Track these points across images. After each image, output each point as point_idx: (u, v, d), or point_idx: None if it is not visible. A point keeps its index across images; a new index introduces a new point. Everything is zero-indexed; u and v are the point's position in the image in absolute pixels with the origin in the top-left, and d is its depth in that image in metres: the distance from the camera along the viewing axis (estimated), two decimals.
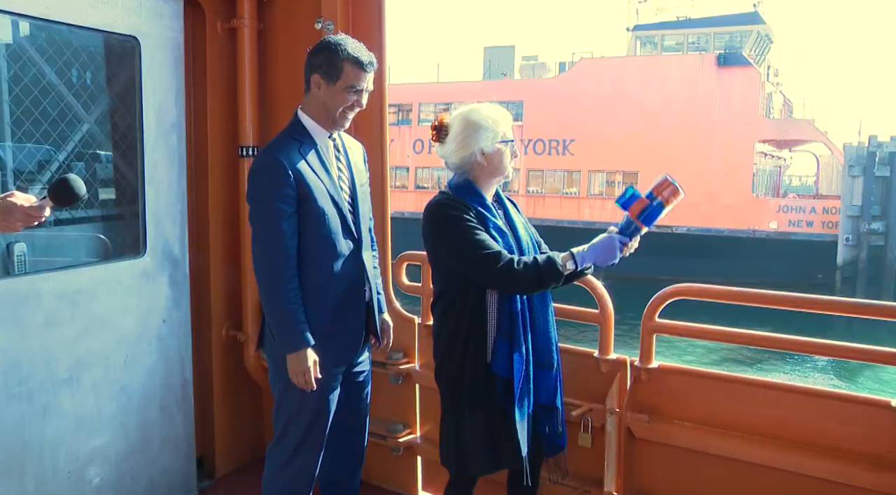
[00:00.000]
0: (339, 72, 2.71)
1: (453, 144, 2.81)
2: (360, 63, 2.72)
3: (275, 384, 2.92)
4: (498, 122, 2.81)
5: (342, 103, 2.75)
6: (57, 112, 3.42)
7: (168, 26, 3.56)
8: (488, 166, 2.80)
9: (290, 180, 2.67)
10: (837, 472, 2.79)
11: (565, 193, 35.09)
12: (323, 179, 2.78)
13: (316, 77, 2.75)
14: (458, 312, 2.78)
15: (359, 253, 2.89)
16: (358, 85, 2.74)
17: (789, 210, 31.98)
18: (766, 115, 34.74)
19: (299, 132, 2.82)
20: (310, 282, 2.77)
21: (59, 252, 3.66)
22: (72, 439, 3.24)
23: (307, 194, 2.72)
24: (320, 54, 2.74)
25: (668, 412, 3.18)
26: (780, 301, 3.06)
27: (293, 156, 2.72)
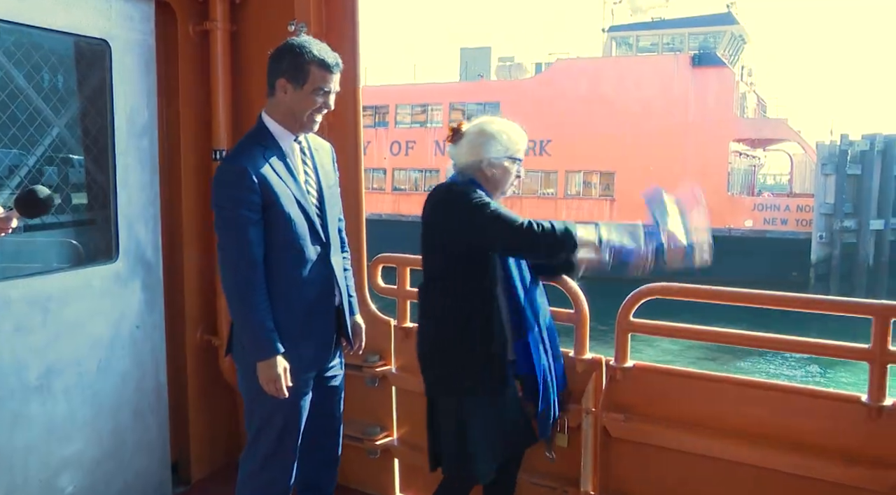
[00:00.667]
0: (306, 75, 2.68)
1: (465, 147, 2.87)
2: (327, 65, 2.69)
3: (245, 390, 2.89)
4: (512, 139, 2.89)
5: (310, 106, 2.72)
6: (26, 116, 3.37)
7: (139, 29, 3.53)
8: (491, 177, 2.86)
9: (254, 186, 2.64)
10: (810, 467, 2.82)
11: (542, 194, 35.19)
12: (289, 184, 2.74)
13: (282, 81, 2.71)
14: (463, 299, 2.82)
15: (327, 257, 2.85)
16: (325, 86, 2.71)
17: (764, 208, 32.28)
18: (741, 114, 35.04)
19: (264, 137, 2.77)
20: (278, 288, 2.73)
21: (29, 258, 3.61)
22: (43, 446, 3.21)
23: (273, 200, 2.68)
24: (285, 58, 2.70)
25: (644, 411, 3.19)
26: (755, 299, 3.09)
27: (257, 161, 2.68)
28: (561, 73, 35.19)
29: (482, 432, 2.84)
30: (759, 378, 3.09)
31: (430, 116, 37.75)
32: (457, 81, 40.47)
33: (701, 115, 32.32)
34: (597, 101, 33.25)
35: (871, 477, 2.71)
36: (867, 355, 2.80)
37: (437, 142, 35.39)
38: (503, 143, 2.86)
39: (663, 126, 32.27)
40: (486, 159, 2.84)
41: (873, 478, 2.71)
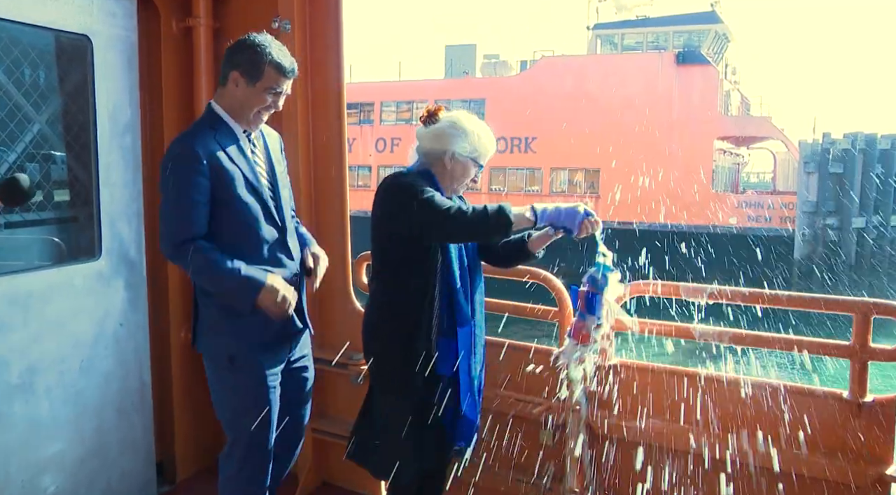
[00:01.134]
0: (261, 73, 2.69)
1: (434, 133, 2.87)
2: (283, 70, 2.71)
3: (214, 385, 2.88)
4: (482, 143, 2.87)
5: (259, 103, 2.74)
6: (5, 112, 3.34)
7: (121, 25, 3.51)
8: (449, 171, 2.84)
9: (204, 170, 2.63)
10: (794, 463, 2.84)
11: (527, 191, 35.22)
12: (242, 167, 2.73)
13: (235, 74, 2.71)
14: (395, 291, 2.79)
15: (284, 240, 2.86)
16: (278, 88, 2.73)
17: (748, 206, 32.46)
18: (725, 112, 35.21)
19: (215, 122, 2.77)
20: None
21: (10, 255, 3.58)
22: (25, 446, 3.18)
23: (227, 183, 2.68)
24: (244, 52, 2.70)
25: (630, 408, 3.21)
26: (738, 297, 3.10)
27: (209, 144, 2.67)
28: (546, 71, 35.23)
29: (400, 430, 2.75)
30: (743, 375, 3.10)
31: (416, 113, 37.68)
32: (442, 78, 40.43)
33: (685, 112, 32.44)
34: (581, 99, 33.28)
35: (853, 472, 2.74)
36: (848, 352, 2.83)
37: None
38: (472, 143, 2.84)
39: (648, 123, 32.37)
40: (450, 151, 2.82)
41: (855, 473, 2.74)
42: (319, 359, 3.37)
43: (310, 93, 3.68)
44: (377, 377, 2.86)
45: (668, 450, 3.10)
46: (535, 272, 3.36)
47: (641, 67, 33.57)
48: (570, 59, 36.34)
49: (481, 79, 38.94)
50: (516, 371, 3.41)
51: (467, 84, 37.62)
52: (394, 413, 2.80)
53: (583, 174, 34.26)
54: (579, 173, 34.36)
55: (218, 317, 2.78)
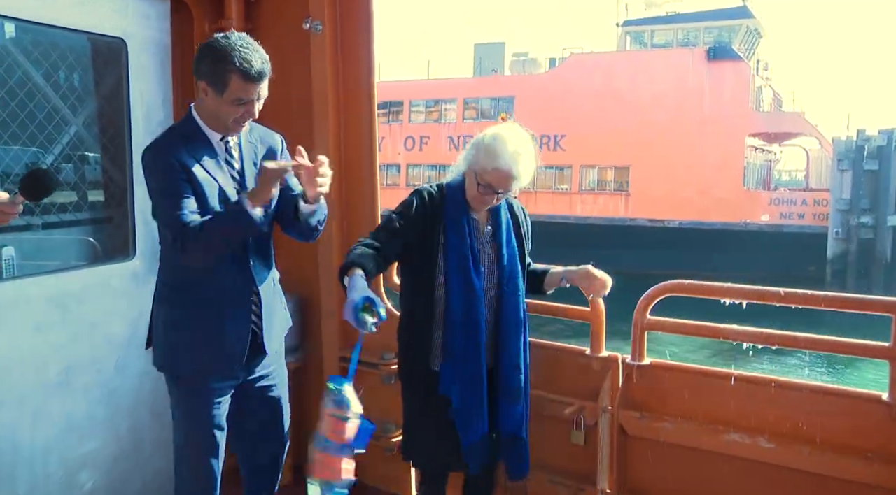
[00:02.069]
0: (226, 83, 2.44)
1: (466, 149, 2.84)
2: (249, 75, 2.43)
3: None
4: (480, 157, 2.73)
5: (232, 114, 2.52)
6: (44, 114, 3.40)
7: (155, 27, 3.54)
8: (467, 186, 2.81)
9: (179, 172, 2.50)
10: (829, 466, 2.80)
11: (557, 189, 35.12)
12: (216, 176, 2.58)
13: (202, 84, 2.50)
14: (409, 296, 2.89)
15: (246, 257, 2.65)
16: (246, 97, 2.47)
17: (781, 202, 32.09)
18: (757, 108, 34.83)
19: (190, 130, 2.61)
20: (188, 291, 2.63)
21: (47, 255, 3.64)
22: (63, 444, 3.23)
23: (197, 191, 2.53)
24: (205, 60, 2.47)
25: (661, 409, 3.18)
26: (772, 297, 3.06)
27: (179, 152, 2.52)
28: (575, 68, 35.09)
29: (416, 425, 2.91)
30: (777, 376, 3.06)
31: (444, 112, 37.74)
32: (471, 77, 40.43)
33: (716, 109, 32.14)
34: (611, 96, 33.13)
35: (891, 476, 2.70)
36: (888, 353, 2.78)
37: (450, 138, 35.38)
38: (472, 158, 2.77)
39: (678, 120, 32.13)
40: (462, 165, 2.82)
41: (893, 476, 2.69)
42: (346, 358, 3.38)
43: (341, 92, 3.69)
44: (399, 368, 3.00)
45: (701, 452, 3.08)
46: None
47: (672, 64, 33.30)
48: (600, 56, 36.17)
49: (510, 76, 38.89)
50: (548, 370, 3.39)
51: (496, 82, 37.58)
52: (406, 403, 2.94)
53: (612, 172, 34.07)
54: (609, 171, 34.20)
55: (163, 330, 2.71)
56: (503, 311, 2.83)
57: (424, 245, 2.78)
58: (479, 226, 2.85)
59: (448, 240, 2.76)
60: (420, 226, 2.77)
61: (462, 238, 2.76)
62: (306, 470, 2.50)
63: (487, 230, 2.86)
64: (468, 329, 2.74)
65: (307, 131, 3.70)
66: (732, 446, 2.99)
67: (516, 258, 2.88)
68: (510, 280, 2.84)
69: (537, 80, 36.48)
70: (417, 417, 2.91)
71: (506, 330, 2.83)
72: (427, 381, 2.81)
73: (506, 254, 2.85)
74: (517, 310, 2.86)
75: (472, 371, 2.75)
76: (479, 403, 2.77)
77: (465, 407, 2.76)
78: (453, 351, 2.75)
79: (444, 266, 2.76)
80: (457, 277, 2.74)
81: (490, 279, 2.83)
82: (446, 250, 2.76)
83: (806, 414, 2.89)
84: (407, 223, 2.77)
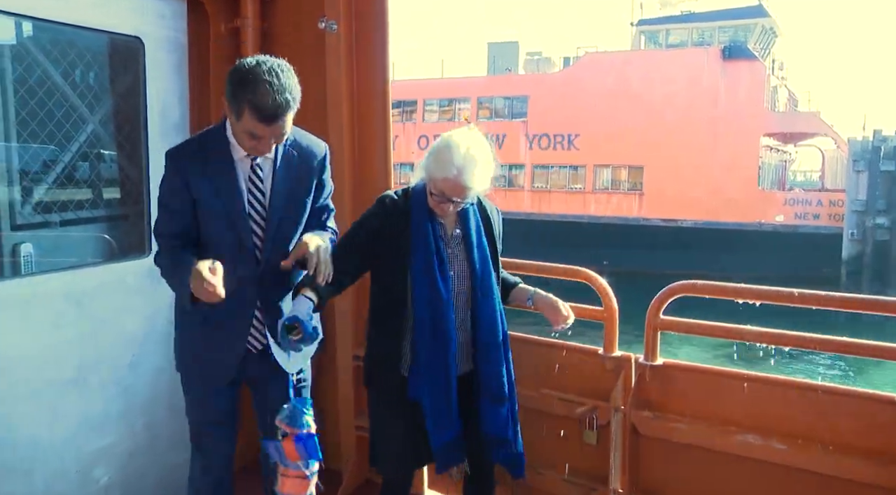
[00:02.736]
0: (241, 112, 2.36)
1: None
2: (262, 115, 2.33)
3: None
4: (430, 164, 2.68)
5: (244, 143, 2.46)
6: (62, 113, 3.43)
7: (171, 27, 3.57)
8: (428, 196, 2.74)
9: (184, 192, 2.51)
10: (842, 468, 2.79)
11: (570, 189, 35.05)
12: (225, 199, 2.53)
13: (224, 102, 2.43)
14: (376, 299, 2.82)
15: (255, 281, 2.61)
16: (257, 133, 2.38)
17: (796, 203, 31.90)
18: (772, 108, 34.62)
19: (217, 142, 2.55)
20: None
21: (64, 252, 3.67)
22: (79, 439, 3.26)
23: (200, 212, 2.52)
24: (230, 81, 2.38)
25: (674, 409, 3.18)
26: (786, 298, 3.05)
27: (194, 168, 2.50)
28: (589, 67, 35.00)
29: (384, 431, 2.85)
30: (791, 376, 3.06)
31: (458, 111, 37.72)
32: (484, 76, 40.39)
33: (731, 108, 31.98)
34: (625, 96, 33.02)
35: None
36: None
37: None
38: (424, 166, 2.72)
39: (693, 120, 31.99)
40: (420, 172, 2.77)
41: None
42: (359, 357, 3.40)
43: (355, 91, 3.70)
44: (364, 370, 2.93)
45: (713, 452, 3.07)
46: (579, 271, 3.35)
47: (686, 63, 33.16)
48: (614, 55, 36.06)
49: (524, 76, 38.84)
50: (560, 370, 3.40)
51: (510, 81, 37.54)
52: (373, 409, 2.90)
53: (626, 171, 33.96)
54: (623, 170, 34.09)
55: (175, 332, 2.78)
56: (478, 315, 2.77)
57: (390, 251, 2.71)
58: (446, 229, 2.78)
59: (413, 244, 2.69)
60: (383, 234, 2.72)
61: (426, 243, 2.69)
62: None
63: (456, 233, 2.80)
64: (436, 334, 2.67)
65: (322, 130, 3.70)
66: (745, 447, 2.98)
67: (488, 260, 2.81)
68: (483, 282, 2.77)
69: (551, 79, 36.41)
70: (386, 421, 2.85)
71: (482, 333, 2.77)
72: (396, 386, 2.76)
73: (477, 257, 2.78)
74: (493, 313, 2.79)
75: (441, 376, 2.68)
76: (448, 408, 2.71)
77: (436, 411, 2.70)
78: (421, 356, 2.68)
79: (409, 274, 2.69)
80: (421, 282, 2.67)
81: (462, 282, 2.77)
82: (412, 256, 2.69)
83: (819, 415, 2.88)
84: (367, 233, 2.73)
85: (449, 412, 2.71)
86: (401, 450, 2.84)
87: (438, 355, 2.68)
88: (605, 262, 24.94)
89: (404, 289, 2.70)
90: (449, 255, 2.75)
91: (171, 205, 2.54)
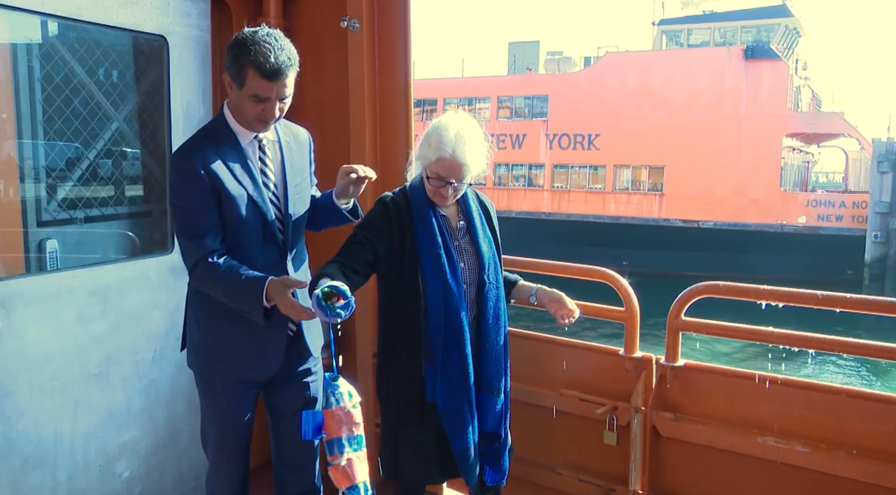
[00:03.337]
0: (244, 77, 2.38)
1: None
2: (265, 71, 2.35)
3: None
4: (424, 145, 2.66)
5: (251, 110, 2.45)
6: (87, 110, 3.47)
7: (195, 25, 3.60)
8: (426, 186, 2.70)
9: (205, 184, 2.45)
10: (866, 472, 2.77)
11: (590, 189, 34.93)
12: (244, 184, 2.52)
13: (226, 77, 2.45)
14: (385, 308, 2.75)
15: (283, 264, 2.62)
16: (262, 94, 2.40)
17: (818, 204, 31.60)
18: (795, 108, 34.30)
19: (220, 131, 2.55)
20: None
21: (88, 249, 3.71)
22: (102, 433, 3.29)
23: (226, 202, 2.49)
24: (230, 52, 2.41)
25: (695, 410, 3.17)
26: (809, 299, 3.02)
27: (209, 158, 2.47)
28: (610, 67, 34.83)
29: (401, 439, 2.74)
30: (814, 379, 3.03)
31: (478, 110, 37.70)
32: (505, 75, 40.34)
33: (753, 109, 31.71)
34: (646, 95, 32.84)
35: None
36: None
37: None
38: (419, 149, 2.69)
39: (714, 120, 31.77)
40: (419, 166, 2.72)
41: None
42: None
43: (377, 90, 3.71)
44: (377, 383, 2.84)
45: (734, 455, 3.06)
46: (601, 271, 3.34)
47: (708, 63, 32.91)
48: (635, 54, 35.88)
49: (544, 75, 38.74)
50: (580, 370, 3.39)
51: (530, 80, 37.45)
52: (387, 418, 2.79)
53: (647, 172, 33.78)
54: (643, 171, 33.91)
55: (198, 335, 2.70)
56: (485, 306, 2.72)
57: (396, 253, 2.66)
58: (450, 221, 2.73)
59: (419, 240, 2.64)
60: (386, 235, 2.66)
61: (432, 236, 2.64)
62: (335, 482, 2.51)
63: (461, 225, 2.75)
64: (450, 331, 2.62)
65: (343, 129, 3.73)
66: (767, 450, 2.96)
67: (494, 249, 2.78)
68: (490, 272, 2.73)
69: (572, 78, 36.29)
70: (402, 431, 2.73)
71: (486, 325, 2.71)
72: (414, 391, 2.68)
73: (483, 247, 2.73)
74: (498, 304, 2.75)
75: (457, 375, 2.63)
76: (469, 410, 2.65)
77: (455, 415, 2.63)
78: (435, 355, 2.62)
79: (420, 270, 2.64)
80: (432, 279, 2.62)
81: (471, 275, 2.71)
82: (419, 252, 2.64)
83: (843, 418, 2.86)
84: (372, 233, 2.67)
85: (470, 414, 2.65)
86: (421, 458, 2.73)
87: (453, 354, 2.63)
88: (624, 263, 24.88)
89: (416, 286, 2.65)
90: (456, 248, 2.70)
91: (206, 207, 2.48)
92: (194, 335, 2.71)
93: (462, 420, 2.64)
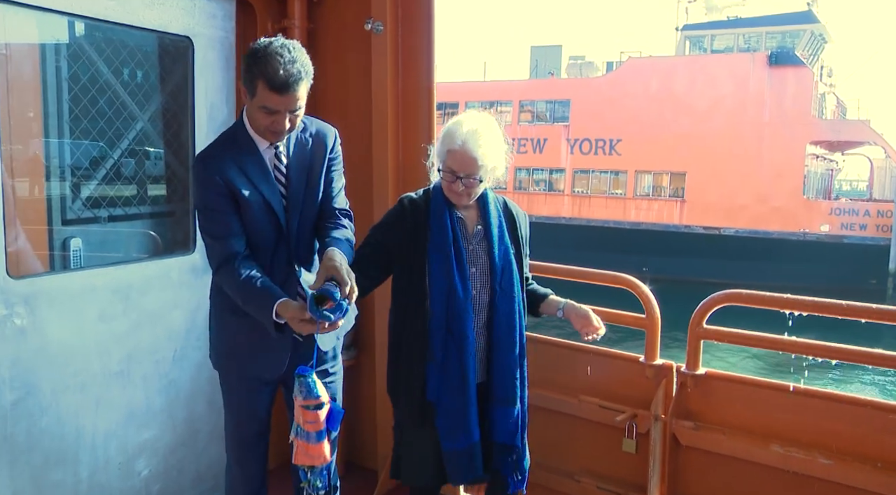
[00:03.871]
0: (255, 89, 2.39)
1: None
2: (274, 85, 2.35)
3: None
4: (439, 142, 2.67)
5: (262, 121, 2.45)
6: (112, 110, 3.50)
7: (220, 27, 3.62)
8: (442, 183, 2.68)
9: (222, 189, 2.47)
10: (891, 487, 2.73)
11: (611, 194, 34.80)
12: (261, 189, 2.53)
13: (241, 86, 2.47)
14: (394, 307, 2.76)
15: (292, 267, 2.62)
16: (271, 106, 2.39)
17: (842, 213, 31.25)
18: (819, 115, 33.98)
19: (240, 136, 2.56)
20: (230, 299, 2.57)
21: (111, 248, 3.74)
22: (122, 431, 3.32)
23: (241, 204, 2.50)
24: (244, 62, 2.43)
25: (715, 419, 3.14)
26: (832, 309, 2.98)
27: (227, 165, 2.49)
28: (632, 72, 34.68)
29: (406, 440, 2.75)
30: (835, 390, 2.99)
31: (500, 114, 37.66)
32: (527, 79, 40.30)
33: (777, 115, 31.44)
34: (669, 101, 32.67)
35: None
36: None
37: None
38: (436, 153, 2.68)
39: (737, 126, 31.52)
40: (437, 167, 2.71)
41: None
42: None
43: (400, 93, 3.72)
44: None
45: (755, 465, 3.03)
46: (623, 278, 3.32)
47: (731, 69, 32.68)
48: (658, 60, 35.70)
49: (566, 79, 38.65)
50: (600, 377, 3.37)
51: (552, 85, 37.38)
52: (396, 418, 2.80)
53: (668, 178, 33.59)
54: (665, 177, 33.72)
55: (216, 331, 2.77)
56: (496, 314, 2.67)
57: (410, 253, 2.65)
58: (466, 224, 2.70)
59: (431, 239, 2.62)
60: (402, 234, 2.66)
61: (444, 236, 2.61)
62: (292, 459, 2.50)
63: (478, 229, 2.71)
64: (451, 332, 2.59)
65: (366, 131, 3.74)
66: (789, 461, 2.93)
67: (510, 258, 2.71)
68: (503, 279, 2.68)
69: (594, 83, 36.18)
70: (406, 429, 2.75)
71: (497, 334, 2.67)
72: (417, 389, 2.66)
73: (497, 253, 2.68)
74: (511, 313, 2.68)
75: (456, 376, 2.59)
76: (464, 412, 2.60)
77: (448, 414, 2.61)
78: (436, 354, 2.60)
79: (428, 269, 2.62)
80: (439, 278, 2.60)
81: (483, 281, 2.67)
82: (430, 251, 2.62)
83: (867, 431, 2.82)
84: (388, 233, 2.69)
85: (465, 415, 2.61)
86: (423, 463, 2.72)
87: (453, 355, 2.59)
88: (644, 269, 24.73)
89: (423, 287, 2.62)
90: (470, 252, 2.67)
91: (226, 210, 2.50)
92: (212, 329, 2.78)
93: (454, 420, 2.61)
